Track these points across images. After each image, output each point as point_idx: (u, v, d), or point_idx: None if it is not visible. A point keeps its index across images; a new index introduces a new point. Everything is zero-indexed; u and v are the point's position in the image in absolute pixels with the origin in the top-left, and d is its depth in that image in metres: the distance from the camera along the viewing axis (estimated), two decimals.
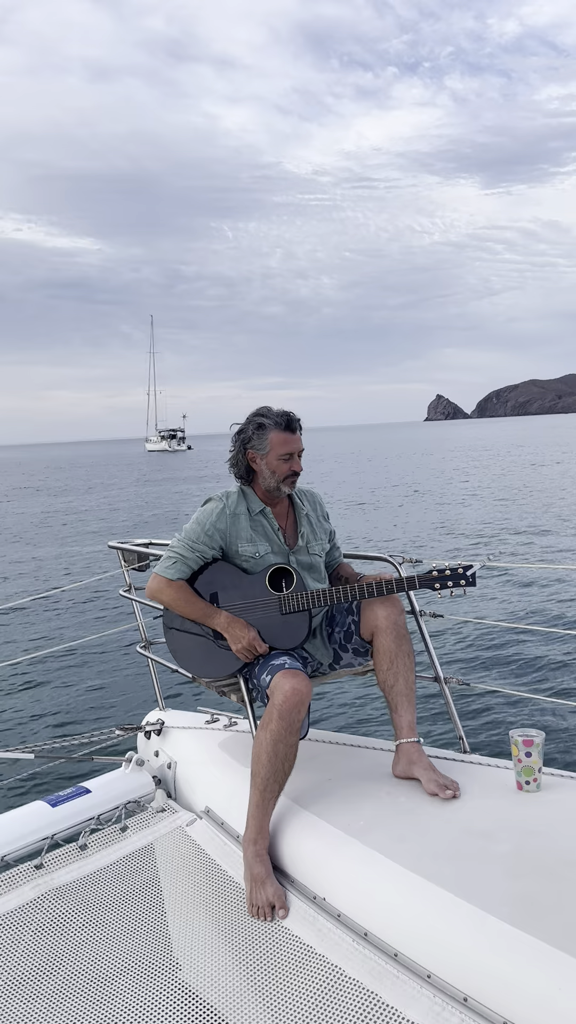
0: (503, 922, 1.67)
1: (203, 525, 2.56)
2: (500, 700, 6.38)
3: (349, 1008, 1.67)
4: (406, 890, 1.87)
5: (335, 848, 2.10)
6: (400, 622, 2.53)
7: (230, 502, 2.59)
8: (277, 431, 2.55)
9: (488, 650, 8.18)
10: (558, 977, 1.53)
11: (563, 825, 2.08)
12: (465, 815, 2.16)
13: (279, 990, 1.77)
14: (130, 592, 3.40)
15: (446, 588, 2.47)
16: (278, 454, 2.54)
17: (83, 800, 2.73)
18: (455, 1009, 1.61)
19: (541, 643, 8.25)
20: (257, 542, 2.57)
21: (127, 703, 7.19)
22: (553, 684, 7.09)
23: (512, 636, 8.53)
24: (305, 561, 2.64)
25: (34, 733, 6.56)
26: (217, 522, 2.56)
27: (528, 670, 7.48)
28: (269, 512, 2.62)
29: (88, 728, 6.36)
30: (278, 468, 2.55)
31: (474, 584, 2.46)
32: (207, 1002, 1.77)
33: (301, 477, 2.69)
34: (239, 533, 2.57)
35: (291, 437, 2.56)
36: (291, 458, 2.57)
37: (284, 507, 2.70)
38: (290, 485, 2.60)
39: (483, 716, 6.15)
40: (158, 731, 3.16)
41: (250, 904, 2.07)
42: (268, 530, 2.61)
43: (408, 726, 2.47)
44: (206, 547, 2.56)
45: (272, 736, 2.19)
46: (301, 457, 2.62)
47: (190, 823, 2.57)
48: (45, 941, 2.06)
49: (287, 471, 2.56)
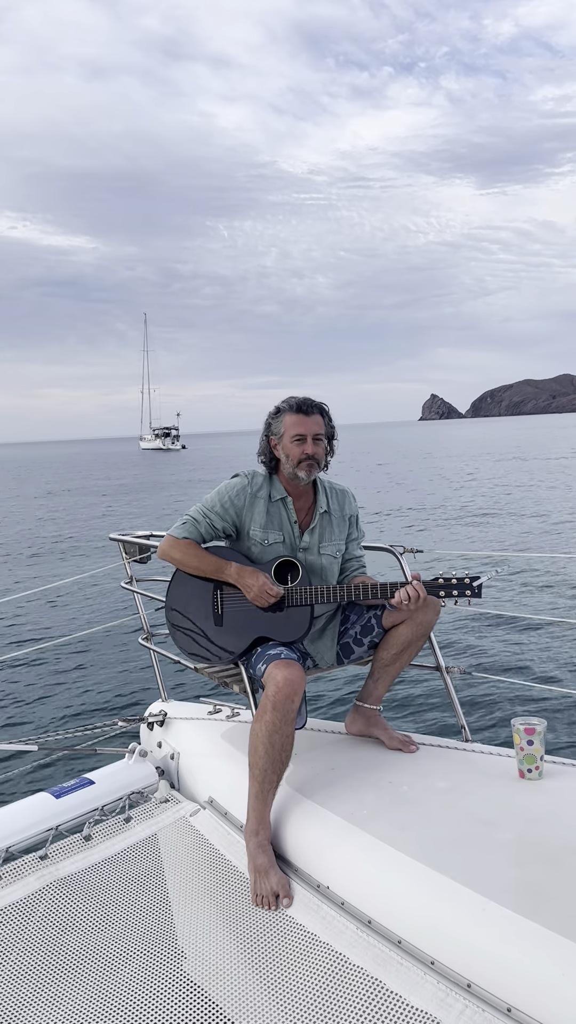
0: (506, 909, 1.68)
1: (222, 497, 2.57)
2: (502, 689, 6.40)
3: (354, 995, 1.68)
4: (409, 878, 1.88)
5: (338, 837, 2.11)
6: (431, 625, 2.56)
7: (254, 482, 2.58)
8: (290, 413, 2.53)
9: (490, 639, 8.19)
10: (561, 963, 1.53)
11: (565, 812, 2.08)
12: (467, 803, 2.17)
13: (284, 978, 1.78)
14: (132, 584, 3.40)
15: (451, 597, 2.47)
16: (291, 436, 2.52)
17: (87, 791, 2.74)
18: (459, 995, 1.62)
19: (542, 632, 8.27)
20: (269, 529, 2.56)
21: (130, 695, 7.21)
22: (554, 673, 7.10)
23: (513, 625, 8.54)
24: (313, 561, 2.60)
25: (38, 725, 6.57)
26: (236, 498, 2.56)
27: (530, 659, 7.50)
28: (290, 502, 2.59)
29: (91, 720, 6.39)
30: (292, 451, 2.53)
31: (479, 596, 2.44)
32: (212, 991, 1.78)
33: (334, 473, 2.66)
34: (254, 516, 2.56)
35: (303, 418, 2.53)
36: (304, 441, 2.52)
37: (307, 501, 2.65)
38: (305, 470, 2.54)
39: (485, 705, 6.17)
40: (161, 722, 3.17)
41: (254, 894, 2.08)
42: (284, 520, 2.58)
43: (378, 696, 2.68)
44: (218, 517, 2.56)
45: (267, 727, 2.20)
46: (320, 443, 2.55)
47: (193, 813, 2.58)
48: (50, 931, 2.07)
49: (300, 454, 2.52)
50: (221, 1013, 1.71)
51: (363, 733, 2.70)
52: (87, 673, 7.94)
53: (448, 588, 2.46)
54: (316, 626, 2.62)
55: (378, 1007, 1.64)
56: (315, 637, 2.64)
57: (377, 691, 2.66)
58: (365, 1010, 1.63)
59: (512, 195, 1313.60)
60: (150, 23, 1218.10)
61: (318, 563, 2.61)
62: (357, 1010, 1.64)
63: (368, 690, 2.67)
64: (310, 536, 2.60)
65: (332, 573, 2.64)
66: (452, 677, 2.80)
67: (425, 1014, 1.59)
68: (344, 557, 2.71)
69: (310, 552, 2.60)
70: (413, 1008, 1.61)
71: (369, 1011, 1.63)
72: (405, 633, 2.54)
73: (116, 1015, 1.74)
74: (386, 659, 2.60)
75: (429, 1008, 1.60)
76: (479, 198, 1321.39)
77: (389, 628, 2.59)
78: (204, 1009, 1.73)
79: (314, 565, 2.60)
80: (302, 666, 2.36)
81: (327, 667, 2.72)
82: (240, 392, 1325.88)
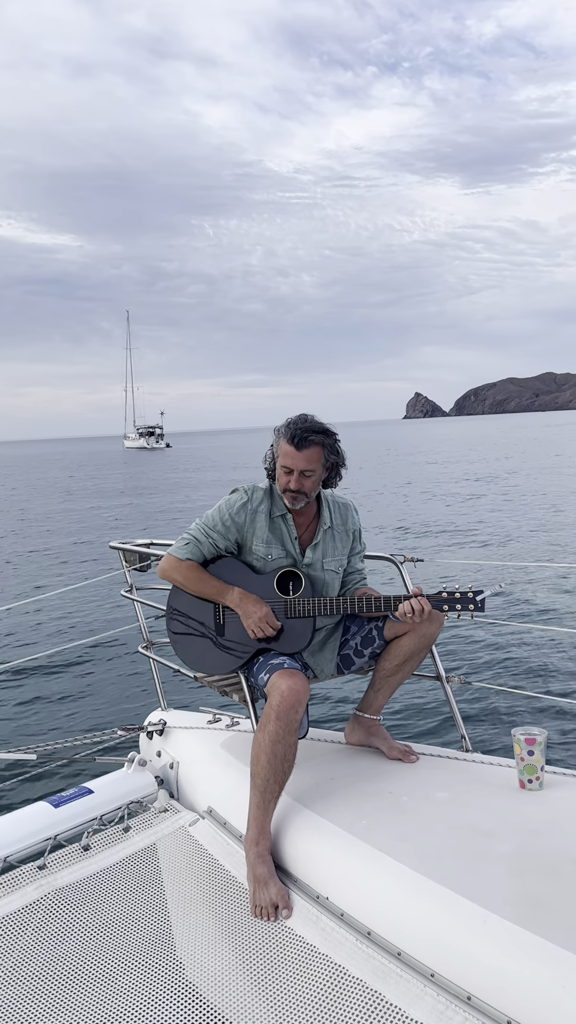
0: (506, 920, 1.67)
1: (223, 515, 2.55)
2: (502, 698, 6.38)
3: (353, 1007, 1.67)
4: (409, 889, 1.87)
5: (338, 847, 2.10)
6: (434, 637, 2.55)
7: (254, 498, 2.56)
8: (283, 440, 2.47)
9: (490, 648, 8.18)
10: (562, 975, 1.53)
11: (566, 823, 2.08)
12: (468, 814, 2.16)
13: (282, 990, 1.76)
14: (131, 592, 3.40)
15: (453, 611, 2.46)
16: (280, 464, 2.49)
17: (86, 800, 2.73)
18: (459, 1008, 1.61)
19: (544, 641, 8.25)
20: (272, 544, 2.55)
21: (129, 704, 7.19)
22: (556, 682, 7.08)
23: (514, 634, 8.53)
24: (316, 577, 2.58)
25: (36, 734, 6.55)
26: (237, 515, 2.54)
27: (530, 668, 7.48)
28: (290, 519, 2.57)
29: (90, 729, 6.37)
30: (280, 479, 2.51)
31: (482, 610, 2.44)
32: (210, 1002, 1.77)
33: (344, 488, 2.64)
34: (256, 531, 2.54)
35: (294, 453, 2.44)
36: (291, 473, 2.46)
37: (309, 516, 2.62)
38: (290, 500, 2.50)
39: (485, 714, 6.15)
40: (160, 731, 3.16)
41: (253, 904, 2.07)
42: (285, 536, 2.57)
43: (378, 707, 2.67)
44: (220, 536, 2.55)
45: (270, 737, 2.19)
46: (310, 478, 2.47)
47: (193, 823, 2.57)
48: (48, 942, 2.06)
49: (284, 485, 2.49)
50: None
51: (363, 743, 2.69)
52: (86, 682, 7.92)
53: (452, 602, 2.46)
54: (317, 638, 2.61)
55: (378, 1020, 1.62)
56: (316, 649, 2.63)
57: (377, 701, 2.65)
58: (364, 1023, 1.62)
59: (496, 195, 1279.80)
60: (135, 20, 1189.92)
61: (321, 578, 2.59)
62: (356, 1023, 1.63)
63: (368, 700, 2.66)
64: (312, 552, 2.59)
65: (334, 588, 2.63)
66: (452, 686, 2.79)
67: None
68: (346, 571, 2.70)
69: (313, 568, 2.59)
70: (413, 1021, 1.60)
71: None
72: (408, 645, 2.53)
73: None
74: (388, 670, 2.59)
75: (429, 1021, 1.59)
76: (463, 197, 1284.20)
77: (391, 639, 2.58)
78: (202, 1020, 1.71)
79: (317, 580, 2.58)
80: (304, 674, 2.36)
81: (326, 678, 2.72)
82: (225, 391, 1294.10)
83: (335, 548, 2.64)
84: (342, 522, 2.69)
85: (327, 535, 2.62)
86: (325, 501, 2.66)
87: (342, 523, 2.68)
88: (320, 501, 2.65)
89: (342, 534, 2.67)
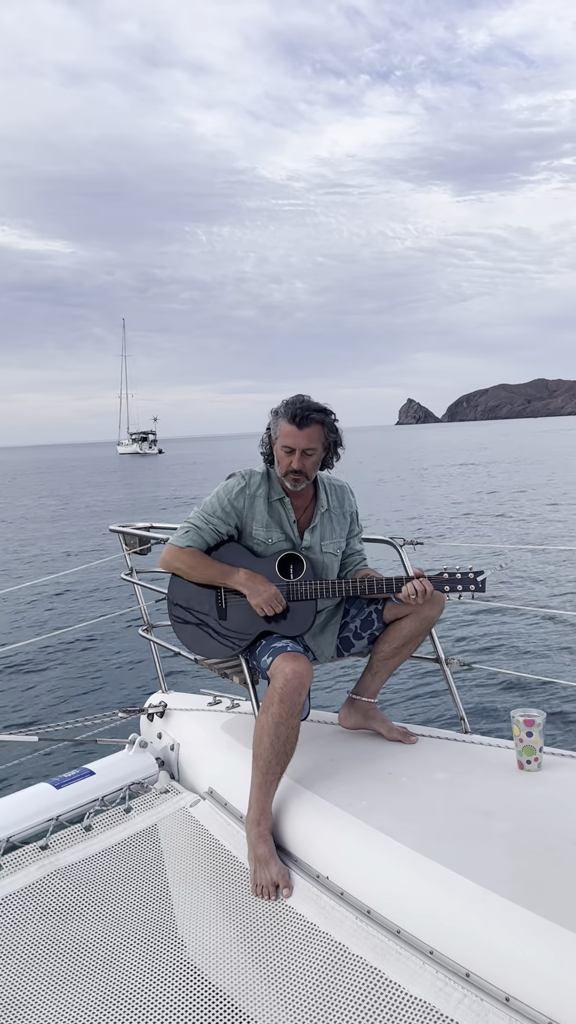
0: (504, 899, 1.68)
1: (221, 501, 2.54)
2: (501, 680, 6.41)
3: (353, 985, 1.69)
4: (408, 868, 1.89)
5: (338, 828, 2.11)
6: (434, 620, 2.55)
7: (251, 482, 2.55)
8: (283, 420, 2.45)
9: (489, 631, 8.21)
10: (559, 952, 1.54)
11: (564, 804, 2.09)
12: (467, 794, 2.18)
13: (283, 968, 1.78)
14: (131, 575, 3.40)
15: (455, 592, 2.47)
16: (281, 444, 2.47)
17: (87, 782, 2.75)
18: (457, 984, 1.63)
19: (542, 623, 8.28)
20: (271, 528, 2.54)
21: (130, 686, 7.22)
22: (554, 664, 7.12)
23: (513, 616, 8.55)
24: (315, 560, 2.58)
25: (38, 716, 6.59)
26: (235, 500, 2.53)
27: (529, 650, 7.51)
28: (288, 502, 2.56)
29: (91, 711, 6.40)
30: (281, 460, 2.49)
31: (483, 591, 2.44)
32: (212, 981, 1.79)
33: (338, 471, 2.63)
34: (255, 515, 2.54)
35: (295, 431, 2.43)
36: (292, 453, 2.45)
37: (306, 499, 2.61)
38: (291, 481, 2.49)
39: (484, 696, 6.18)
40: (161, 713, 3.18)
41: (254, 884, 2.08)
42: (284, 520, 2.56)
43: (375, 690, 2.67)
44: (221, 522, 2.54)
45: (273, 719, 2.20)
46: (311, 456, 2.46)
47: (193, 804, 2.59)
48: (51, 921, 2.08)
49: (286, 466, 2.48)
50: (222, 1002, 1.72)
51: (359, 727, 2.70)
52: (87, 664, 7.95)
53: (453, 583, 2.46)
54: (318, 620, 2.62)
55: (377, 996, 1.64)
56: (316, 632, 2.64)
57: (374, 685, 2.65)
58: (364, 999, 1.64)
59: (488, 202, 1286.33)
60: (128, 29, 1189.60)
61: (320, 561, 2.59)
62: (356, 999, 1.65)
63: (365, 684, 2.67)
64: (311, 535, 2.58)
65: (333, 571, 2.64)
66: (451, 668, 2.80)
67: (424, 1003, 1.60)
68: (345, 552, 2.70)
69: (312, 551, 2.58)
70: (412, 997, 1.62)
71: (368, 1000, 1.64)
72: (408, 627, 2.54)
73: (117, 1003, 1.75)
74: (386, 652, 2.59)
75: (428, 997, 1.61)
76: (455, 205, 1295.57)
77: (390, 622, 2.59)
78: (205, 999, 1.74)
79: (316, 563, 2.58)
80: (307, 657, 2.36)
81: (326, 661, 2.73)
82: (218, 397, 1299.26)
83: (333, 530, 2.64)
84: (339, 504, 2.68)
85: (325, 517, 2.62)
86: (322, 484, 2.65)
87: (339, 505, 2.68)
88: (317, 484, 2.64)
89: (339, 516, 2.67)
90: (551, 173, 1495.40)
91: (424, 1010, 1.59)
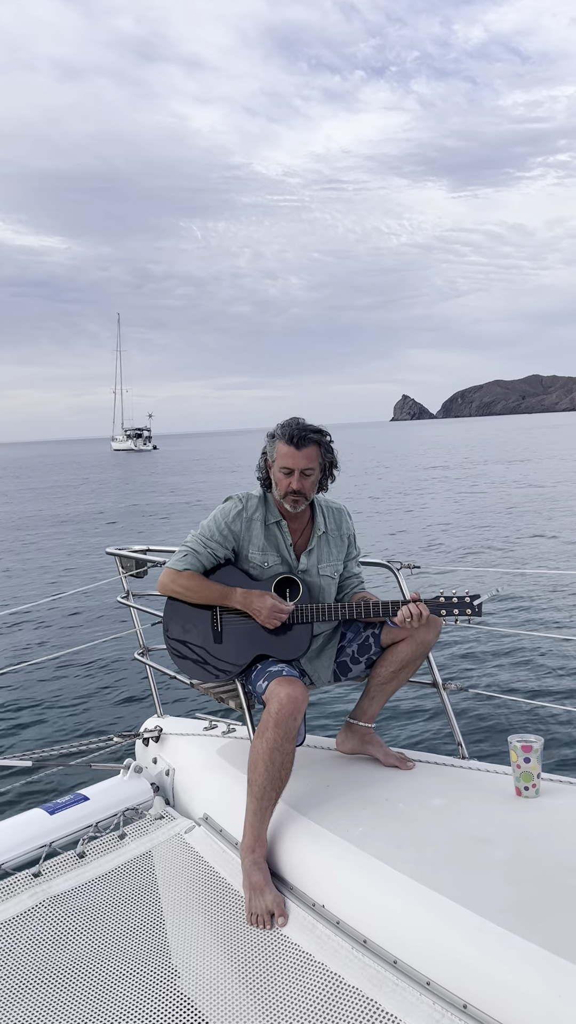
0: (502, 928, 1.67)
1: (219, 524, 2.55)
2: (498, 705, 6.37)
3: (349, 1016, 1.66)
4: (405, 897, 1.87)
5: (334, 855, 2.10)
6: (431, 644, 2.55)
7: (249, 505, 2.56)
8: (281, 442, 2.47)
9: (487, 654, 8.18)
10: (558, 983, 1.52)
11: (562, 830, 2.07)
12: (464, 821, 2.16)
13: (278, 998, 1.76)
14: (128, 598, 3.40)
15: (451, 615, 2.47)
16: (279, 466, 2.49)
17: (81, 808, 2.72)
18: (455, 1016, 1.61)
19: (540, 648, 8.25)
20: (268, 552, 2.55)
21: (125, 710, 7.17)
22: (552, 689, 7.08)
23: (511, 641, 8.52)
24: (312, 583, 2.58)
25: (32, 740, 6.53)
26: (233, 524, 2.54)
27: (527, 675, 7.48)
28: (284, 525, 2.56)
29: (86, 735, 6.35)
30: (280, 481, 2.50)
31: (479, 615, 2.44)
32: (206, 1011, 1.76)
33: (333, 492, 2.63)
34: (252, 539, 2.54)
35: (293, 452, 2.45)
36: (291, 474, 2.47)
37: (303, 522, 2.62)
38: (291, 503, 2.51)
39: (481, 721, 6.14)
40: (156, 738, 3.16)
41: (249, 912, 2.06)
42: (280, 543, 2.56)
43: (372, 715, 2.66)
44: (219, 545, 2.54)
45: (268, 744, 2.19)
46: (309, 477, 2.48)
47: (188, 830, 2.56)
48: (43, 949, 2.05)
49: (285, 487, 2.49)
50: None
51: (356, 752, 2.68)
52: (82, 688, 7.89)
53: (449, 607, 2.46)
54: (314, 644, 2.61)
55: None
56: (313, 656, 2.63)
57: (372, 709, 2.64)
58: None
59: (483, 198, 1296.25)
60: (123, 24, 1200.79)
61: (317, 584, 2.59)
62: None
63: (362, 708, 2.65)
64: (307, 558, 2.58)
65: (330, 594, 2.63)
66: (449, 693, 2.79)
67: None
68: (342, 575, 2.70)
69: (309, 574, 2.58)
70: None
71: None
72: (404, 651, 2.53)
73: None
74: (384, 677, 2.58)
75: None
76: (451, 201, 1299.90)
77: (387, 646, 2.58)
78: None
79: (313, 586, 2.58)
80: (302, 681, 2.36)
81: (323, 685, 2.72)
82: (213, 392, 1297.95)
83: (330, 553, 2.64)
84: (336, 527, 2.69)
85: (322, 540, 2.63)
86: (319, 506, 2.66)
87: (336, 528, 2.69)
88: (314, 506, 2.65)
89: (336, 539, 2.67)
90: (546, 169, 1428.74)
91: None
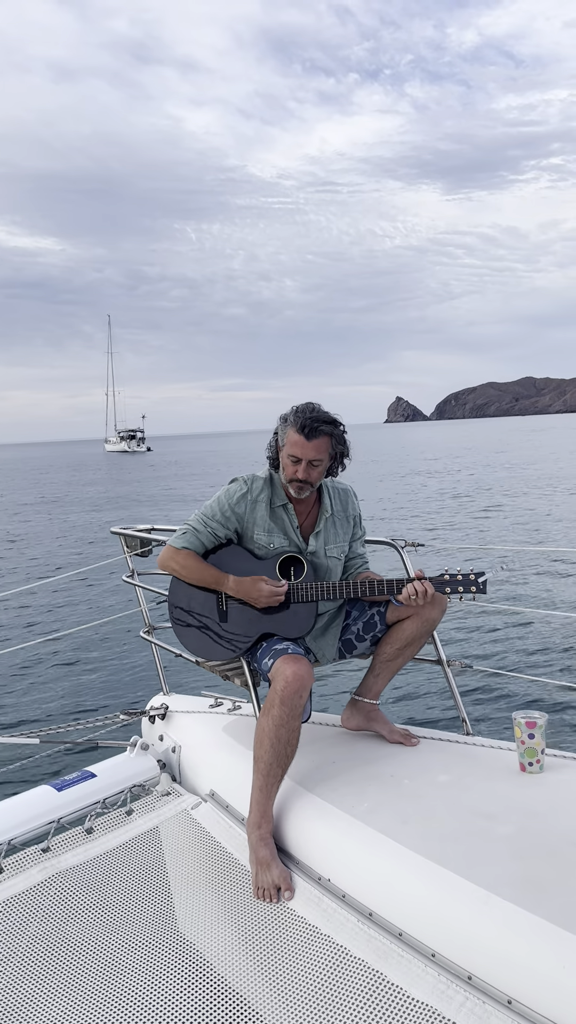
0: (507, 901, 1.68)
1: (222, 505, 2.54)
2: (503, 682, 6.40)
3: (355, 987, 1.69)
4: (410, 871, 1.88)
5: (340, 830, 2.11)
6: (436, 621, 2.55)
7: (254, 487, 2.55)
8: (292, 429, 2.44)
9: (491, 632, 8.20)
10: (562, 955, 1.54)
11: (566, 806, 2.09)
12: (469, 797, 2.17)
13: (285, 970, 1.78)
14: (133, 578, 3.41)
15: (456, 593, 2.47)
16: (288, 453, 2.46)
17: (89, 784, 2.75)
18: (460, 987, 1.62)
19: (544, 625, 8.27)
20: (273, 534, 2.54)
21: (131, 688, 7.22)
22: (556, 666, 7.11)
23: (515, 618, 8.54)
24: (319, 564, 2.58)
25: (39, 718, 6.59)
26: (236, 505, 2.53)
27: (531, 652, 7.50)
28: (291, 508, 2.55)
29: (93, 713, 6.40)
30: (287, 467, 2.49)
31: (484, 592, 2.44)
32: (214, 983, 1.79)
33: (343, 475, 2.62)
34: (256, 520, 2.54)
35: (303, 442, 2.42)
36: (298, 462, 2.44)
37: (309, 504, 2.60)
38: (296, 489, 2.48)
39: (486, 698, 6.18)
40: (162, 715, 3.17)
41: (255, 886, 2.08)
42: (287, 525, 2.56)
43: (377, 691, 2.67)
44: (220, 526, 2.54)
45: (274, 721, 2.20)
46: (317, 467, 2.45)
47: (195, 806, 2.58)
48: (52, 923, 2.08)
49: (291, 474, 2.47)
50: (224, 1004, 1.71)
51: (361, 728, 2.69)
52: (89, 666, 7.95)
53: (454, 584, 2.46)
54: (319, 623, 2.61)
55: (379, 999, 1.64)
56: (318, 634, 2.63)
57: (377, 686, 2.65)
58: (366, 1002, 1.64)
59: (477, 201, 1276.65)
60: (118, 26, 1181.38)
61: (324, 565, 2.59)
62: (358, 1002, 1.64)
63: (367, 685, 2.66)
64: (315, 540, 2.58)
65: (337, 574, 2.64)
66: (453, 670, 2.80)
67: (426, 1006, 1.60)
68: (348, 556, 2.69)
69: (316, 556, 2.58)
70: (414, 1000, 1.62)
71: (370, 1003, 1.63)
72: (410, 629, 2.54)
73: (118, 1006, 1.74)
74: (389, 654, 2.59)
75: (430, 1000, 1.61)
76: (445, 203, 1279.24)
77: (392, 624, 2.59)
78: (207, 1001, 1.73)
79: (320, 567, 2.58)
80: (308, 659, 2.36)
81: (328, 662, 2.73)
82: (207, 394, 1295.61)
83: (337, 535, 2.63)
84: (342, 508, 2.68)
85: (329, 522, 2.62)
86: (325, 488, 2.64)
87: (342, 509, 2.68)
88: (321, 488, 2.64)
89: (343, 520, 2.67)
90: (540, 172, 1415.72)
91: (426, 1013, 1.58)
